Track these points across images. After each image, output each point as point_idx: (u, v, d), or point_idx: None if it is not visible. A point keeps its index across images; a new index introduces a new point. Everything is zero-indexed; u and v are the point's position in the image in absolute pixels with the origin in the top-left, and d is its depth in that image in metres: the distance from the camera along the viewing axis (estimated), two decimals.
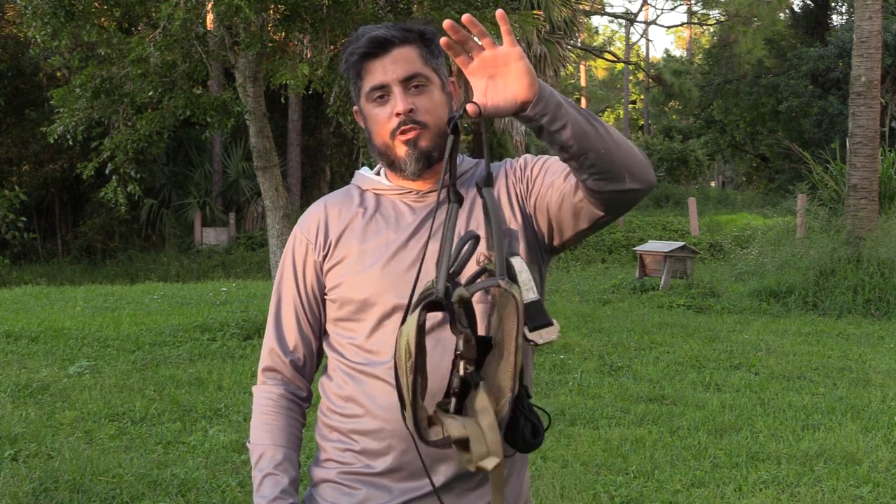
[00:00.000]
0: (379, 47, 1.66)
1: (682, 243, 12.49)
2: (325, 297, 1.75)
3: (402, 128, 1.65)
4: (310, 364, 1.82)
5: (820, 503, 4.26)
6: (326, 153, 25.31)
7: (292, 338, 1.79)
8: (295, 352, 1.79)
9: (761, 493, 4.37)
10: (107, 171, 8.71)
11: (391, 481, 1.65)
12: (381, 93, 1.67)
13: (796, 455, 4.89)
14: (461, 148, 1.65)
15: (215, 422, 5.50)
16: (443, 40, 1.40)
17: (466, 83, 20.94)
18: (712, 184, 43.84)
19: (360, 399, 1.67)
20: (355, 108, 1.76)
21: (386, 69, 1.66)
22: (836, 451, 4.94)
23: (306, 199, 23.73)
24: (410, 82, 1.66)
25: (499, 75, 1.43)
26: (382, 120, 1.67)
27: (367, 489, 1.67)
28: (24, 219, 18.68)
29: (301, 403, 1.82)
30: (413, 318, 1.38)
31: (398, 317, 1.63)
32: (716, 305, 10.78)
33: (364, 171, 1.81)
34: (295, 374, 1.80)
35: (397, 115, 1.65)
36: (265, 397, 1.79)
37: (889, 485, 4.47)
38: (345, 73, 1.73)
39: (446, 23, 1.38)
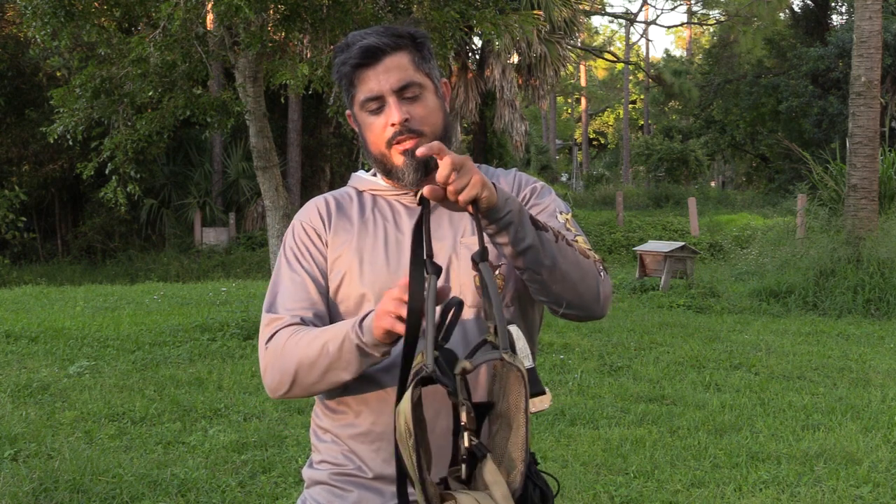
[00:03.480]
0: (371, 57, 1.65)
1: (682, 243, 12.49)
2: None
3: (399, 137, 1.64)
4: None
5: (820, 503, 4.26)
6: (326, 153, 25.29)
7: (299, 306, 1.68)
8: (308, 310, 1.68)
9: (761, 493, 4.37)
10: (107, 171, 8.71)
11: (383, 484, 1.64)
12: (377, 104, 1.66)
13: (796, 455, 4.89)
14: (464, 149, 1.64)
15: (215, 422, 5.50)
16: (420, 151, 1.43)
17: (466, 84, 20.81)
18: (712, 184, 43.83)
19: (350, 401, 1.67)
20: (348, 112, 1.75)
21: (379, 79, 1.65)
22: (836, 451, 4.94)
23: (306, 199, 23.26)
24: (405, 91, 1.65)
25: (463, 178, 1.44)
26: (378, 129, 1.66)
27: (358, 491, 1.66)
28: (24, 219, 18.65)
29: None
30: (407, 398, 1.36)
31: None
32: (716, 305, 10.77)
33: (360, 174, 1.81)
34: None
35: (393, 125, 1.64)
36: (285, 333, 1.63)
37: (889, 485, 4.47)
38: (337, 81, 1.72)
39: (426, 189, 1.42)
